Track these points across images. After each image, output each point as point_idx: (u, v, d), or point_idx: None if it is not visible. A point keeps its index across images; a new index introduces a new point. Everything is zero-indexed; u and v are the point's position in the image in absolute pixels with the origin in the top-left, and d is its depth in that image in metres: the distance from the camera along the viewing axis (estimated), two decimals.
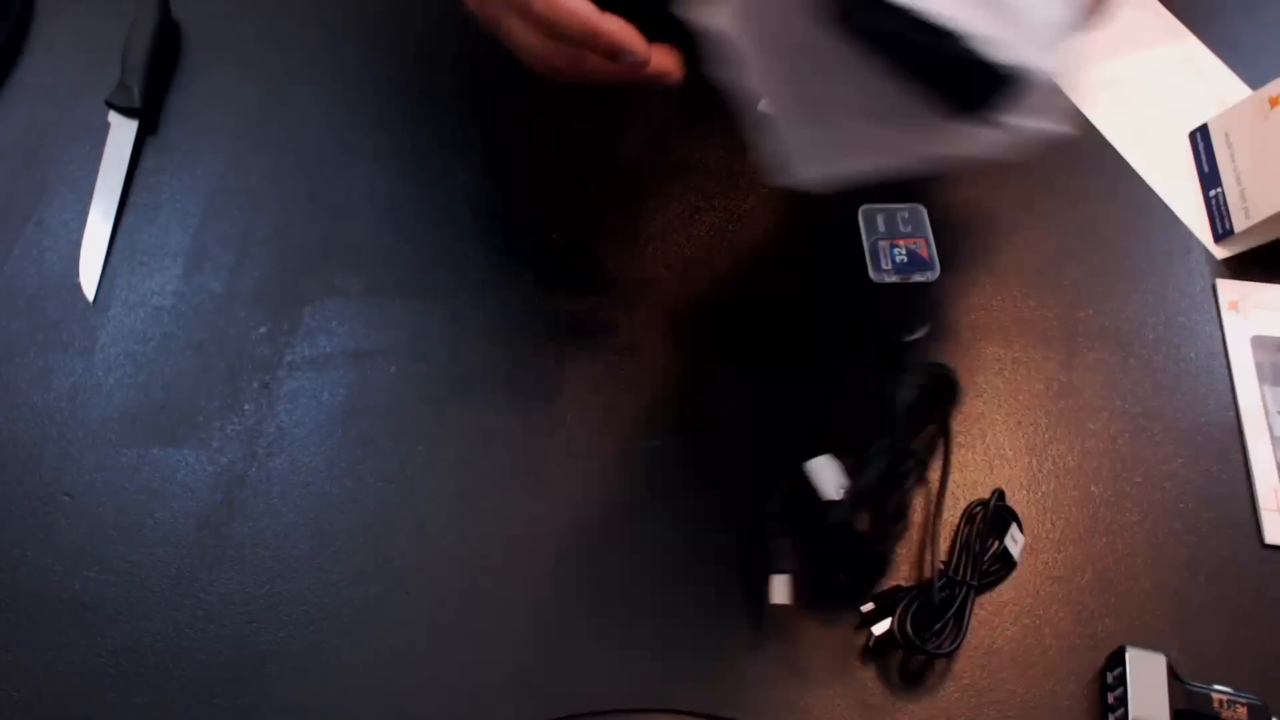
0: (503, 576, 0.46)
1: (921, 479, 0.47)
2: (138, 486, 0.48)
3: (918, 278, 0.55)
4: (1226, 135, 0.57)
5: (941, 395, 0.49)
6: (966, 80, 0.37)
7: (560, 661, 0.44)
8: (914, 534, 0.47)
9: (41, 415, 0.50)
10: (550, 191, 0.57)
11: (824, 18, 0.37)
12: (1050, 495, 0.49)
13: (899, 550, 0.47)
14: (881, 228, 0.56)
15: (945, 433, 0.49)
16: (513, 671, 0.44)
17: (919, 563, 0.47)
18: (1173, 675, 0.42)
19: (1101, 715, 0.43)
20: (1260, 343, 0.53)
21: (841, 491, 0.44)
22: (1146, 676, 0.42)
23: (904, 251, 0.55)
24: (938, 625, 0.44)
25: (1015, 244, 0.56)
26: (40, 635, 0.45)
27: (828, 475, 0.45)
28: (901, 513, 0.46)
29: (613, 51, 0.41)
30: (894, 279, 0.55)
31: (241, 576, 0.46)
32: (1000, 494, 0.47)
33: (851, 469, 0.45)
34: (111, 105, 0.58)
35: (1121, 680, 0.43)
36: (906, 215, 0.56)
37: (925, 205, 0.57)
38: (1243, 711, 0.42)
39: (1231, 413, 0.51)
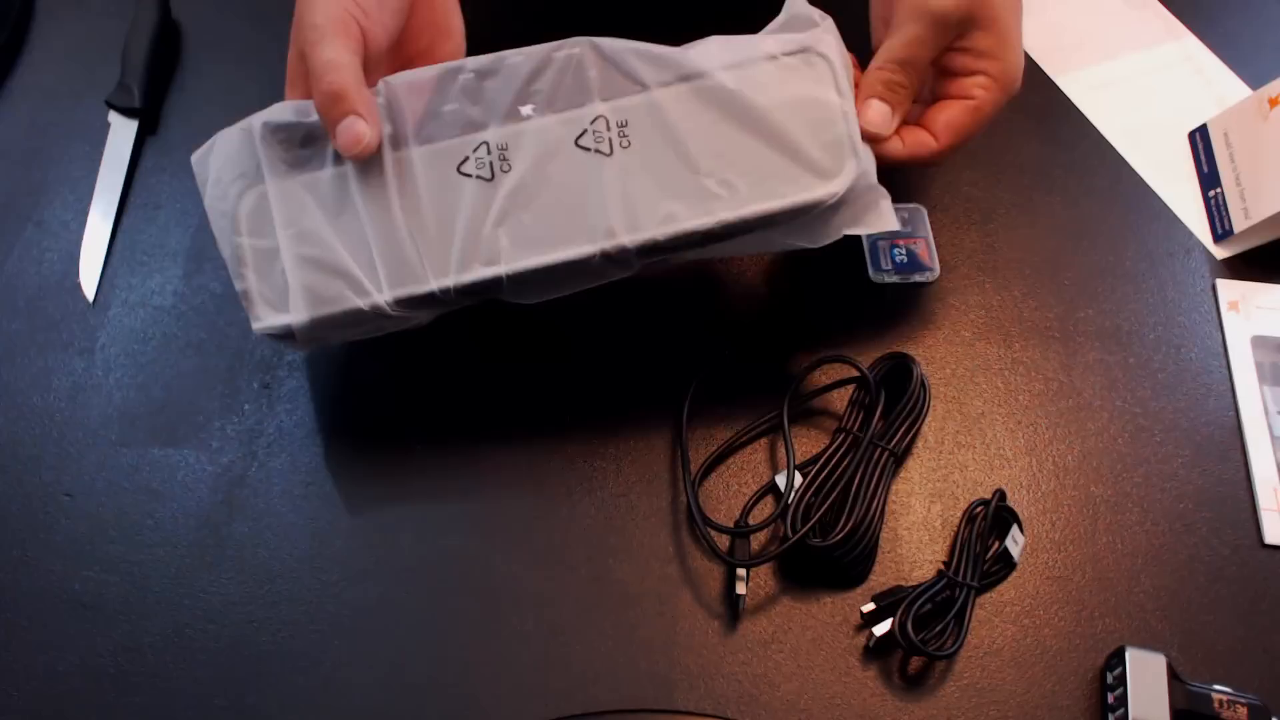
0: (502, 576, 0.46)
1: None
2: (138, 486, 0.48)
3: (918, 278, 0.55)
4: (1226, 135, 0.57)
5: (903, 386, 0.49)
6: None
7: (560, 661, 0.44)
8: (914, 534, 0.48)
9: (41, 415, 0.50)
10: None
11: None
12: (1050, 495, 0.49)
13: (901, 551, 0.47)
14: None
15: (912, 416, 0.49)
16: (512, 671, 0.44)
17: (919, 563, 0.47)
18: (1173, 675, 0.42)
19: (1101, 715, 0.43)
20: (1260, 343, 0.53)
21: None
22: (1146, 676, 0.42)
23: (904, 251, 0.55)
24: (939, 626, 0.44)
25: (1015, 244, 0.56)
26: (40, 635, 0.45)
27: None
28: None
29: None
30: (894, 279, 0.55)
31: (241, 576, 0.46)
32: (1001, 494, 0.47)
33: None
34: (111, 105, 0.58)
35: (1121, 680, 0.43)
36: (906, 215, 0.56)
37: (925, 205, 0.57)
38: (1243, 711, 0.42)
39: (1231, 413, 0.51)
